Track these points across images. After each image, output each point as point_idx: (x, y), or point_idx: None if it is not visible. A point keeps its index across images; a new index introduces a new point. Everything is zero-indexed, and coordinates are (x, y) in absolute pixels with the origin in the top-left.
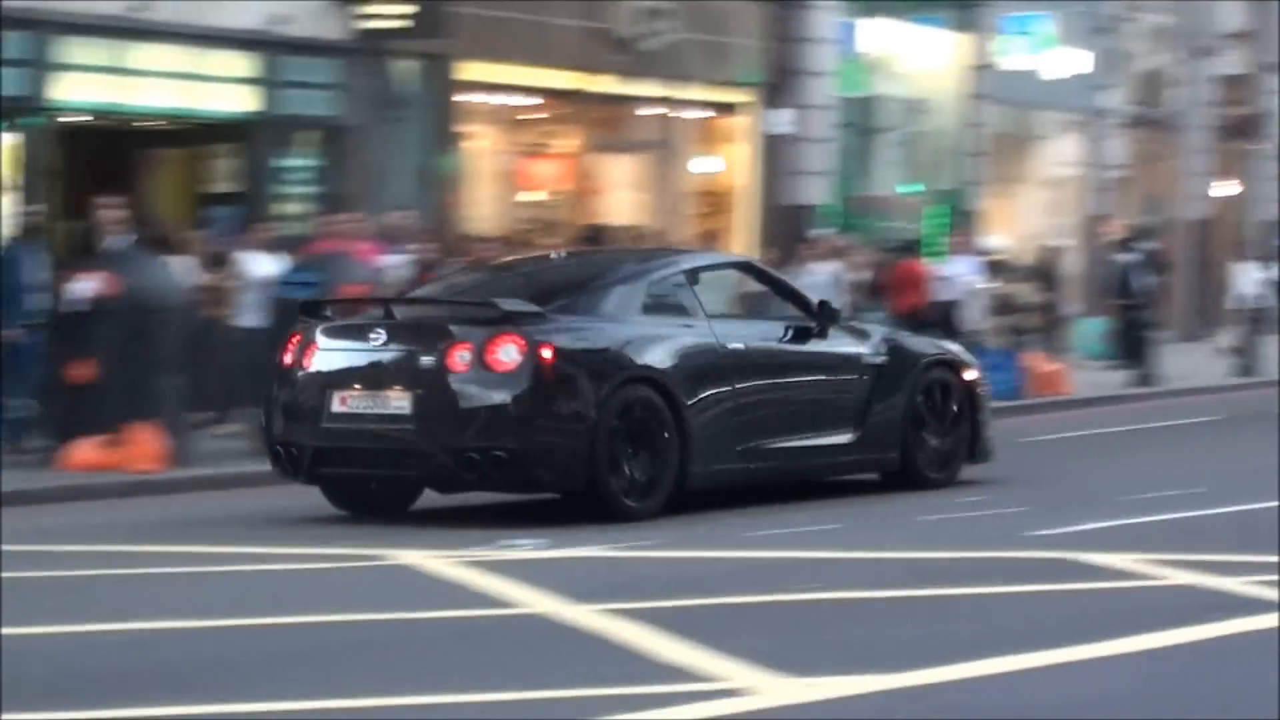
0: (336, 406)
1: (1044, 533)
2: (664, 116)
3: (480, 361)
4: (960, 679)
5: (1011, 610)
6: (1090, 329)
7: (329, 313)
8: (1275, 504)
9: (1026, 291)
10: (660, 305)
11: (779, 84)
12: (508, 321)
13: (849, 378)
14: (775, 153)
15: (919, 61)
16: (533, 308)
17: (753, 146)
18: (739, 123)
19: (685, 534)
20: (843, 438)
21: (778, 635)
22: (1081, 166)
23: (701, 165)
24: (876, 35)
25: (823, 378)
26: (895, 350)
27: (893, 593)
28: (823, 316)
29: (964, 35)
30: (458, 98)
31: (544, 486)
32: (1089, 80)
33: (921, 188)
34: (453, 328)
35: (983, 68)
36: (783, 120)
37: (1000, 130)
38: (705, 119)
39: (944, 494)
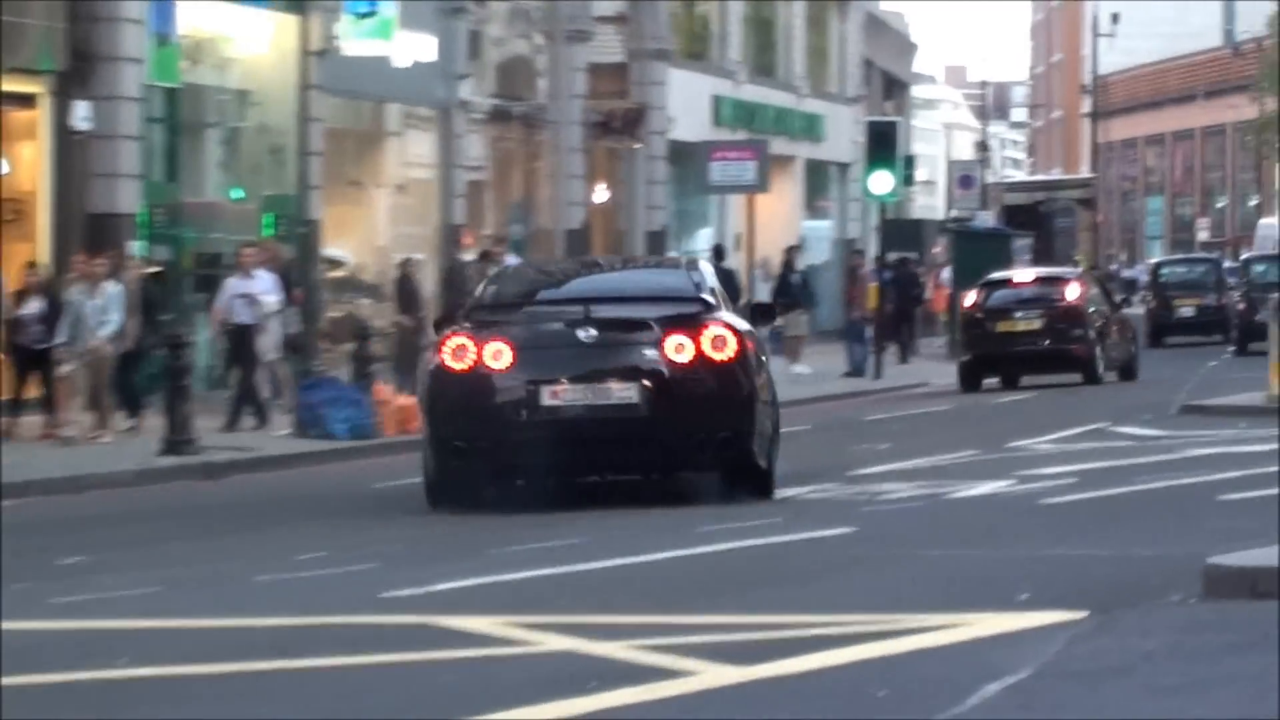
0: (548, 400)
1: (400, 593)
2: None
3: (698, 351)
4: None
5: (359, 686)
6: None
7: (501, 315)
8: (655, 557)
9: (378, 312)
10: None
11: (78, 72)
12: (709, 313)
13: None
14: (74, 152)
15: (246, 47)
16: (715, 300)
17: (48, 144)
18: (31, 117)
19: None
20: None
21: None
22: (437, 167)
23: None
24: (196, 16)
25: None
26: None
27: (217, 667)
28: None
29: (298, 17)
30: None
31: (758, 465)
32: (442, 69)
33: (243, 193)
34: (653, 321)
35: (321, 54)
36: (81, 114)
37: (342, 126)
38: None
39: (281, 547)
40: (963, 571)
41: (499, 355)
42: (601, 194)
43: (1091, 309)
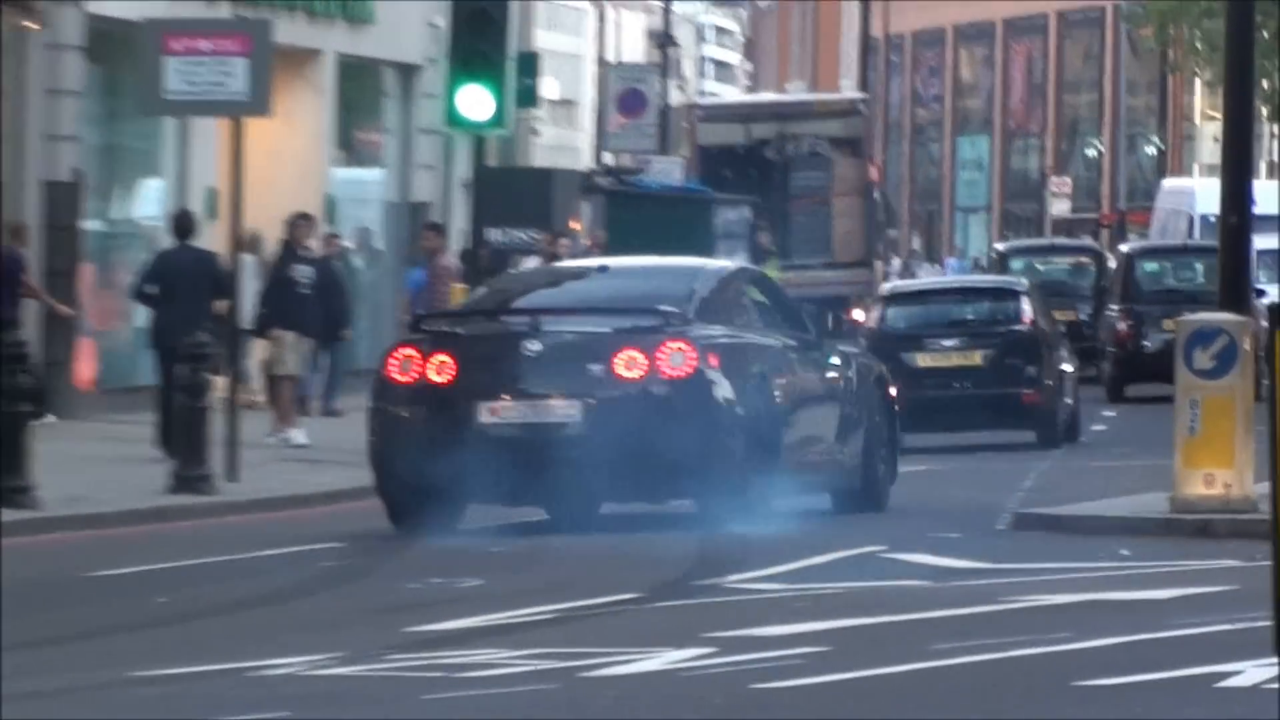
0: (485, 418)
1: None
2: None
3: (651, 368)
4: None
5: None
6: None
7: (448, 324)
8: None
9: None
10: (732, 313)
11: None
12: (674, 326)
13: None
14: None
15: None
16: (676, 311)
17: None
18: None
19: None
20: None
21: None
22: None
23: None
24: None
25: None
26: None
27: None
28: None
29: None
30: None
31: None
32: None
33: None
34: (609, 334)
35: None
36: None
37: None
38: None
39: None
40: None
41: (442, 368)
42: None
43: (1048, 335)
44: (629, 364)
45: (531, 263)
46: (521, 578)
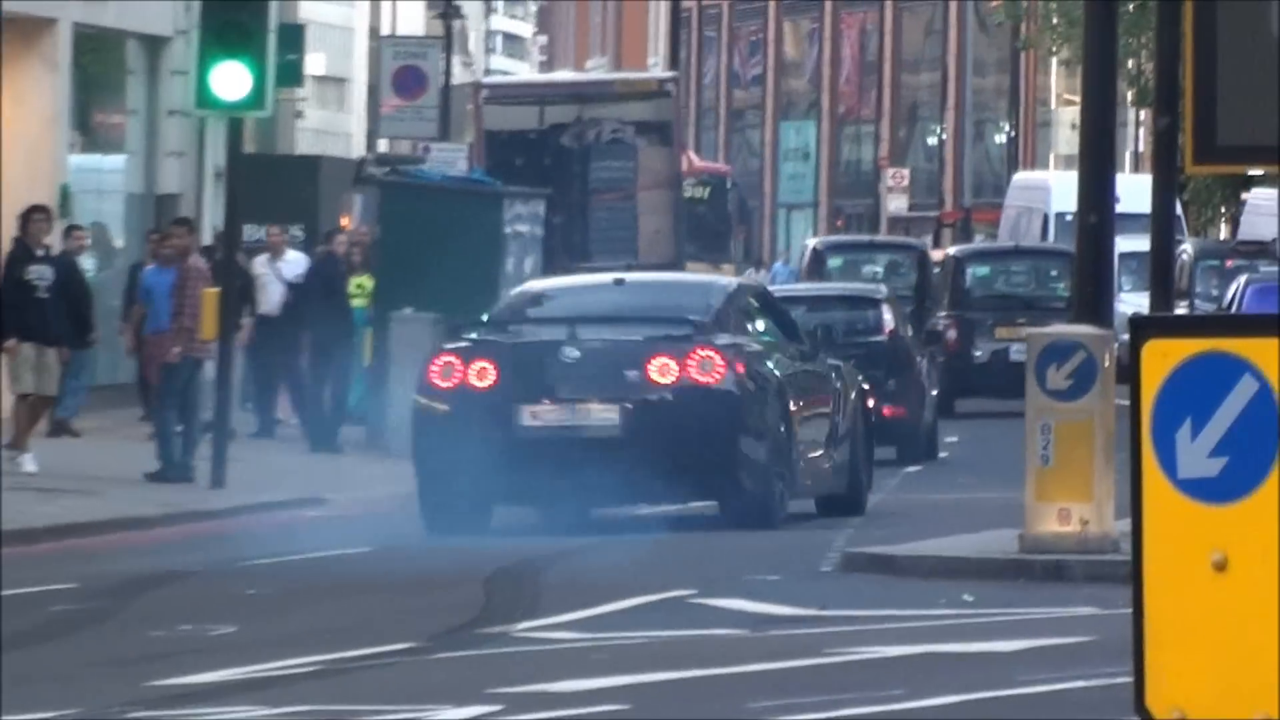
0: (527, 421)
1: None
2: None
3: (683, 373)
4: None
5: None
6: None
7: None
8: None
9: None
10: (743, 324)
11: None
12: (703, 335)
13: None
14: None
15: None
16: (704, 320)
17: None
18: None
19: None
20: None
21: None
22: None
23: None
24: None
25: None
26: None
27: None
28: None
29: None
30: None
31: (747, 494)
32: None
33: None
34: (642, 342)
35: None
36: None
37: None
38: None
39: None
40: None
41: (483, 374)
42: None
43: (909, 346)
44: (662, 370)
45: (261, 262)
46: (282, 623)
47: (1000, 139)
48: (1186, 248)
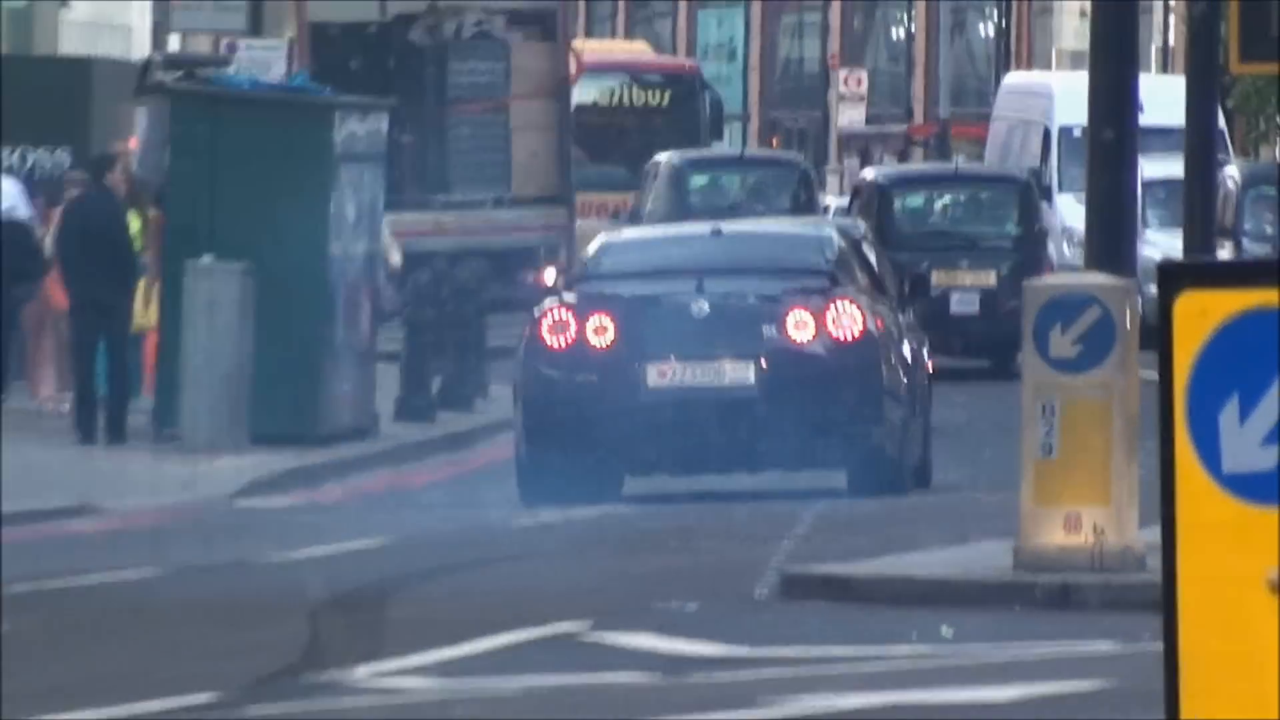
0: (654, 381)
1: None
2: None
3: (821, 329)
4: None
5: None
6: None
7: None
8: None
9: None
10: (854, 276)
11: None
12: (836, 287)
13: None
14: None
15: None
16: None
17: None
18: None
19: None
20: None
21: None
22: None
23: None
24: None
25: None
26: None
27: None
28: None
29: None
30: None
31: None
32: None
33: None
34: (779, 294)
35: None
36: None
37: None
38: None
39: None
40: None
41: (602, 330)
42: None
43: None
44: (799, 325)
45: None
46: (57, 670)
47: (987, 31)
48: (1231, 172)
